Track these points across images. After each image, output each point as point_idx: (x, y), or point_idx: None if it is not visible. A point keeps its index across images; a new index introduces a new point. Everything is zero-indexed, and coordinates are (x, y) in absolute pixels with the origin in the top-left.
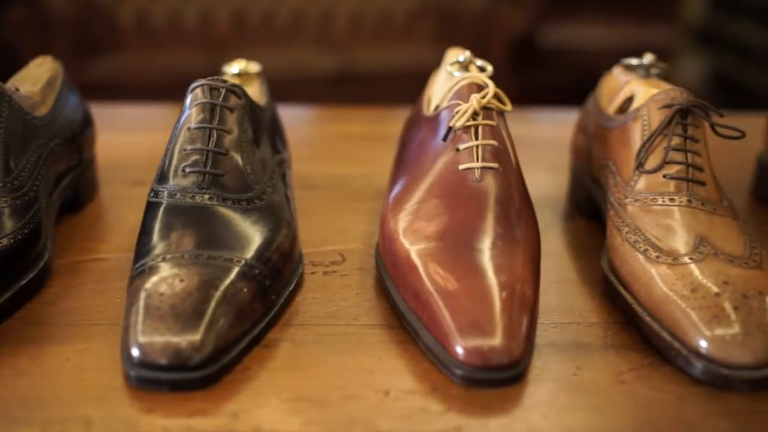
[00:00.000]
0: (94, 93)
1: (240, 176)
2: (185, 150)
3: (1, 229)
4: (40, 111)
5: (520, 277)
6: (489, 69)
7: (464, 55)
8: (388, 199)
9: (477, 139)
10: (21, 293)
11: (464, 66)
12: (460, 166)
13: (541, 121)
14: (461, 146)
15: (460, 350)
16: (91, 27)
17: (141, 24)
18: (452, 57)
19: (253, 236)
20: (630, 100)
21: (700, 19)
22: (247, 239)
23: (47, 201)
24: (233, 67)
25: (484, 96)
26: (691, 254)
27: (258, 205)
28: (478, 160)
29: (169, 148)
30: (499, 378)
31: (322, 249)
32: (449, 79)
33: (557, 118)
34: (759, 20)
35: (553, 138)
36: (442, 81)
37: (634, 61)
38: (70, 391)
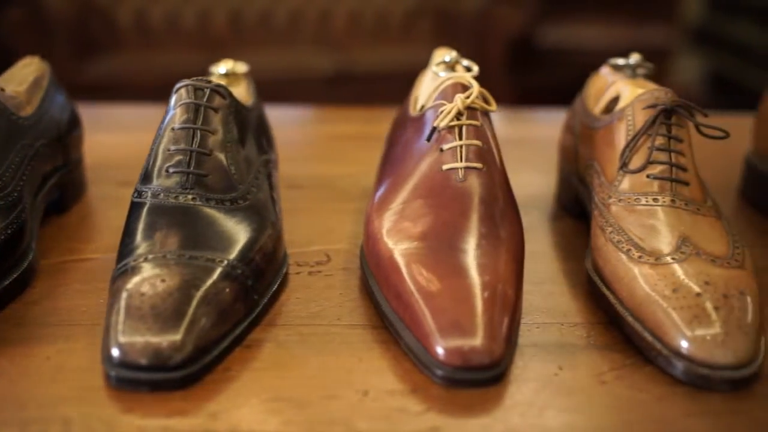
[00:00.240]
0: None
1: (224, 176)
2: (169, 150)
3: None
4: (26, 111)
5: (503, 277)
6: (475, 69)
7: (451, 55)
8: (373, 199)
9: (461, 139)
10: (4, 293)
11: (450, 66)
12: (444, 167)
13: (539, 121)
14: (445, 146)
15: (440, 350)
16: (90, 27)
17: (139, 24)
18: (439, 57)
19: (236, 236)
20: (616, 100)
21: (698, 19)
22: (230, 239)
23: (32, 201)
24: (220, 68)
25: (468, 96)
26: (673, 254)
27: (242, 205)
28: (461, 160)
29: (153, 148)
30: (479, 378)
31: (307, 249)
32: (435, 79)
33: (555, 118)
34: (757, 20)
35: (550, 138)
36: (428, 81)
37: (621, 61)
38: (50, 392)
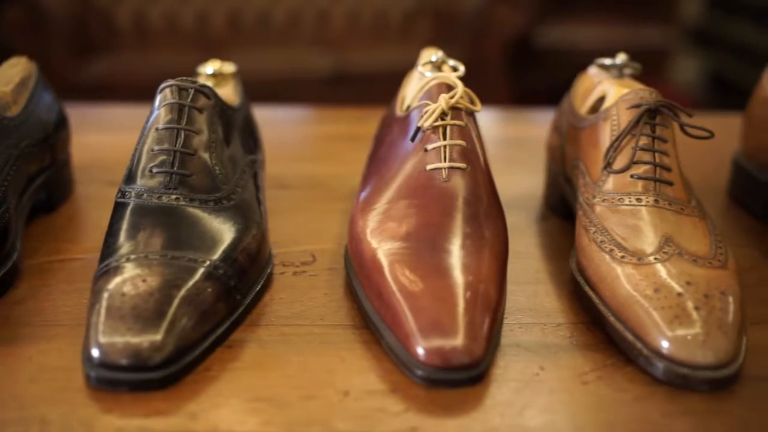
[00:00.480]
0: (91, 93)
1: (208, 177)
2: (153, 150)
3: None
4: (11, 111)
5: (485, 277)
6: (461, 69)
7: (437, 55)
8: (358, 199)
9: (445, 139)
10: None
11: (437, 66)
12: (428, 167)
13: (536, 121)
14: (429, 146)
15: (420, 351)
16: (88, 27)
17: (138, 24)
18: (426, 57)
19: (219, 236)
20: (602, 100)
21: (696, 19)
22: (213, 239)
23: (17, 202)
24: (208, 68)
25: (452, 96)
26: (655, 254)
27: (226, 205)
28: (445, 161)
29: (138, 148)
30: (459, 378)
31: (293, 249)
32: (421, 79)
33: (552, 118)
34: (756, 20)
35: (547, 138)
36: (415, 81)
37: (608, 61)
38: (30, 392)
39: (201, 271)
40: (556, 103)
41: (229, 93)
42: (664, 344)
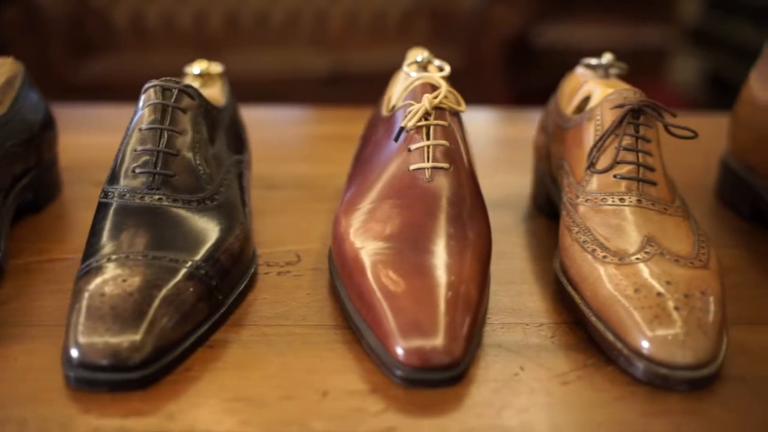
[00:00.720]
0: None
1: (192, 177)
2: (136, 151)
3: None
4: None
5: (467, 278)
6: (446, 69)
7: (423, 55)
8: (342, 199)
9: (428, 139)
10: None
11: (423, 66)
12: (411, 167)
13: (534, 121)
14: (413, 146)
15: (400, 351)
16: (86, 27)
17: (135, 24)
18: (412, 57)
19: (202, 237)
20: (588, 100)
21: (695, 19)
22: (195, 240)
23: (2, 202)
24: (195, 68)
25: (436, 96)
26: (637, 254)
27: (210, 205)
28: (428, 161)
29: (121, 148)
30: (439, 378)
31: (278, 249)
32: (406, 79)
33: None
34: (754, 20)
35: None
36: (401, 81)
37: (594, 61)
38: (10, 392)
39: (182, 271)
40: None
41: (216, 93)
42: (644, 344)
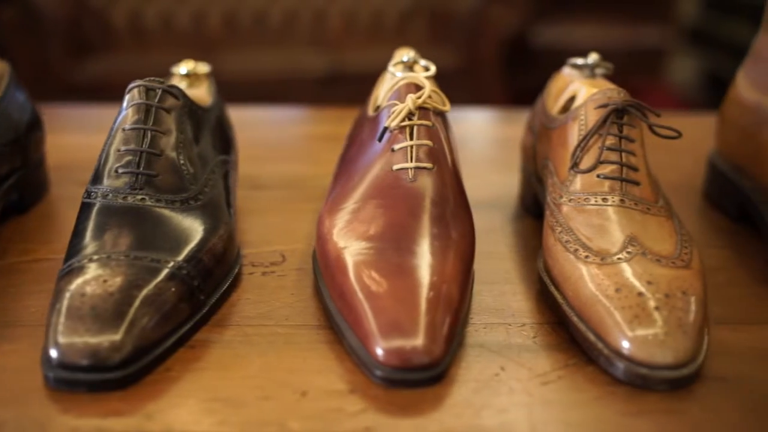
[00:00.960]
0: (86, 94)
1: (176, 177)
2: (119, 151)
3: None
4: None
5: (448, 278)
6: (432, 69)
7: (409, 55)
8: (327, 199)
9: (412, 139)
10: None
11: (409, 66)
12: (395, 167)
13: None
14: (396, 146)
15: (379, 351)
16: (84, 27)
17: (133, 24)
18: (398, 57)
19: (184, 237)
20: (574, 100)
21: (693, 19)
22: (178, 240)
23: None
24: (181, 68)
25: (419, 96)
26: (619, 254)
27: (193, 205)
28: (411, 161)
29: (105, 148)
30: (418, 378)
31: (263, 249)
32: (391, 79)
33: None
34: (752, 20)
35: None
36: (387, 81)
37: (580, 61)
38: None
39: (164, 271)
40: None
41: (202, 93)
42: (625, 344)
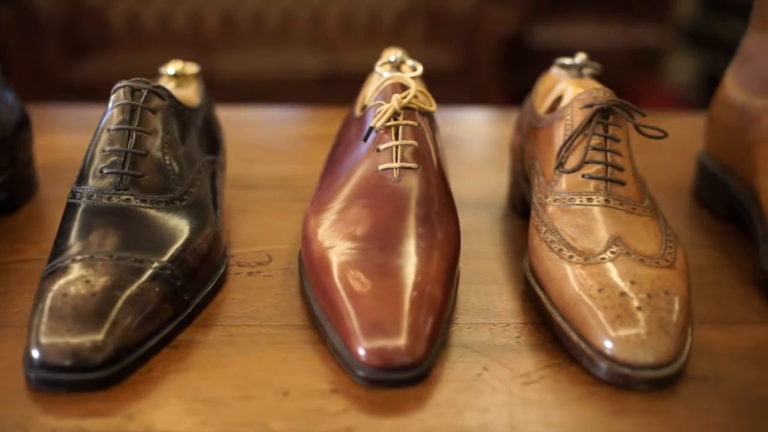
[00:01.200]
0: (83, 94)
1: (161, 177)
2: (104, 151)
3: None
4: None
5: (432, 278)
6: (419, 69)
7: (396, 55)
8: (313, 199)
9: (397, 139)
10: None
11: (396, 66)
12: (380, 167)
13: None
14: (381, 146)
15: (361, 351)
16: (81, 27)
17: (131, 25)
18: (386, 57)
19: (169, 237)
20: (561, 100)
21: (691, 19)
22: (163, 240)
23: None
24: (170, 68)
25: (405, 96)
26: (603, 254)
27: (179, 205)
28: (397, 161)
29: (90, 149)
30: (401, 379)
31: (250, 249)
32: (378, 79)
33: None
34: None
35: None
36: (374, 81)
37: (568, 61)
38: None
39: (147, 272)
40: None
41: (190, 93)
42: (607, 344)
